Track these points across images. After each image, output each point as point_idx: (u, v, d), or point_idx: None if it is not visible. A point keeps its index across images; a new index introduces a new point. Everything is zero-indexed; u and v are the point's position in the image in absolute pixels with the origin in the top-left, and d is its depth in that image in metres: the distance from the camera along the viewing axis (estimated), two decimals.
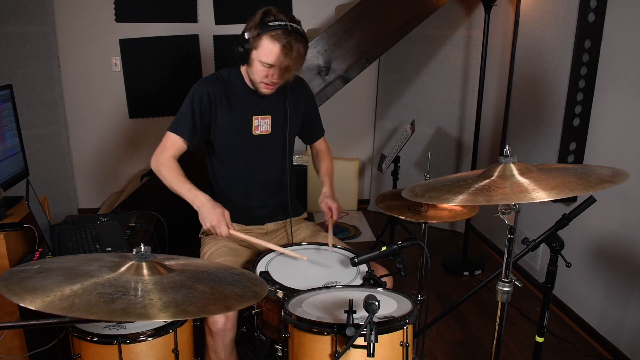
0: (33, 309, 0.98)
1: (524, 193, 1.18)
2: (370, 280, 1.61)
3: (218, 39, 3.88)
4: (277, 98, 1.93)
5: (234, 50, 1.80)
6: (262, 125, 1.94)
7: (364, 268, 1.70)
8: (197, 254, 1.99)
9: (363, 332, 1.19)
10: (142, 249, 1.18)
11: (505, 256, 1.35)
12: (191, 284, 1.14)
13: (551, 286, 1.78)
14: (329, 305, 1.42)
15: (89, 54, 3.76)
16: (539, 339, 1.85)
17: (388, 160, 3.34)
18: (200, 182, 1.84)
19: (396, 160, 3.30)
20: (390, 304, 1.43)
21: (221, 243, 1.92)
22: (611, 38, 2.42)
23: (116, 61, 3.80)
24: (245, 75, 1.90)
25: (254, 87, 1.87)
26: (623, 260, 2.36)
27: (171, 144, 1.87)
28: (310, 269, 1.73)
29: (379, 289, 1.53)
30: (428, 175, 1.90)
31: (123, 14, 3.72)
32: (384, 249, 1.63)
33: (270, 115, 1.94)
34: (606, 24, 2.44)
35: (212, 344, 1.68)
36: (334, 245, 1.88)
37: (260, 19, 1.72)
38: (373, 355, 1.17)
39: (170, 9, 3.77)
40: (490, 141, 3.61)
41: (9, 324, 1.78)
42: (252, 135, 1.93)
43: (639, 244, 2.26)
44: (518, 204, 1.27)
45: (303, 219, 2.16)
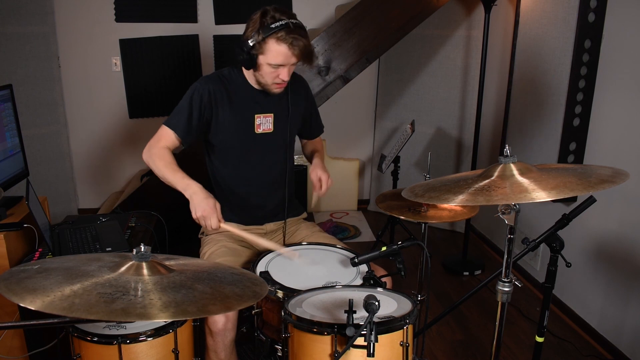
0: (33, 309, 0.98)
1: (524, 193, 1.18)
2: (370, 280, 1.61)
3: (218, 39, 3.88)
4: (279, 96, 1.93)
5: (237, 57, 1.78)
6: (265, 123, 1.93)
7: (364, 268, 1.70)
8: (197, 254, 1.98)
9: (363, 332, 1.18)
10: (142, 249, 1.18)
11: (505, 256, 1.35)
12: (191, 284, 1.14)
13: (551, 286, 1.78)
14: (329, 305, 1.42)
15: (89, 54, 3.76)
16: (539, 339, 1.85)
17: (388, 160, 3.34)
18: (200, 181, 1.83)
19: (396, 160, 3.30)
20: (390, 304, 1.43)
21: (221, 243, 1.92)
22: (611, 38, 2.42)
23: (116, 61, 3.80)
24: (247, 75, 1.90)
25: (264, 89, 1.87)
26: (623, 260, 2.36)
27: (165, 138, 1.86)
28: (310, 269, 1.73)
29: (379, 289, 1.53)
30: (428, 175, 1.90)
31: (123, 14, 3.72)
32: (384, 249, 1.63)
33: (272, 114, 1.94)
34: (606, 24, 2.44)
35: (213, 344, 1.68)
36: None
37: (260, 21, 1.71)
38: (373, 355, 1.17)
39: (170, 9, 3.77)
40: (490, 141, 3.61)
41: (9, 324, 1.78)
42: (255, 133, 1.93)
43: (639, 244, 2.26)
44: (518, 204, 1.27)
45: (303, 218, 2.16)
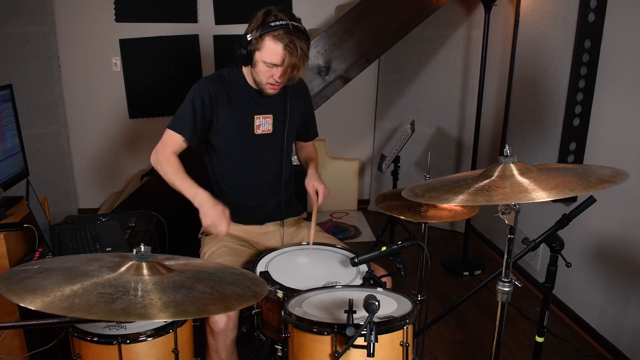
0: (33, 309, 0.98)
1: (524, 193, 1.18)
2: (370, 280, 1.61)
3: (218, 39, 3.88)
4: (278, 97, 1.93)
5: (235, 52, 1.79)
6: (264, 124, 1.94)
7: (364, 268, 1.70)
8: (197, 254, 1.99)
9: (363, 332, 1.18)
10: (142, 249, 1.18)
11: (505, 256, 1.35)
12: (191, 284, 1.14)
13: (551, 286, 1.78)
14: (329, 305, 1.42)
15: (89, 54, 3.76)
16: (539, 339, 1.85)
17: (388, 160, 3.34)
18: (200, 181, 1.83)
19: (396, 160, 3.30)
20: (390, 304, 1.43)
21: (221, 243, 1.92)
22: (611, 38, 2.42)
23: (116, 61, 3.80)
24: (247, 75, 1.90)
25: (259, 88, 1.87)
26: (623, 260, 2.36)
27: (172, 142, 1.86)
28: (310, 269, 1.73)
29: (379, 289, 1.53)
30: (428, 175, 1.90)
31: (123, 14, 3.72)
32: (384, 249, 1.63)
33: (271, 115, 1.94)
34: (606, 24, 2.44)
35: (214, 344, 1.68)
36: (315, 243, 1.90)
37: (261, 19, 1.72)
38: (373, 355, 1.17)
39: (170, 9, 3.76)
40: (490, 141, 3.61)
41: (9, 324, 1.78)
42: (254, 134, 1.93)
43: (639, 244, 2.26)
44: (518, 204, 1.27)
45: (302, 218, 2.16)
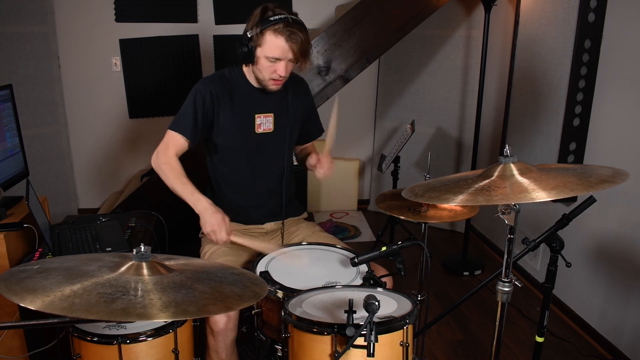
0: (33, 309, 0.98)
1: (524, 193, 1.18)
2: (370, 280, 1.61)
3: (218, 39, 3.88)
4: (279, 96, 1.93)
5: (236, 51, 1.79)
6: (265, 123, 1.93)
7: (364, 268, 1.70)
8: (197, 254, 1.98)
9: (363, 332, 1.18)
10: (142, 249, 1.18)
11: (505, 256, 1.35)
12: (191, 284, 1.14)
13: (551, 286, 1.78)
14: (329, 305, 1.42)
15: (89, 54, 3.76)
16: (539, 339, 1.85)
17: (388, 160, 3.34)
18: (201, 181, 1.84)
19: (396, 160, 3.30)
20: (390, 304, 1.43)
21: None
22: (611, 38, 2.42)
23: (116, 61, 3.80)
24: (247, 74, 1.90)
25: (262, 85, 1.87)
26: (623, 260, 2.36)
27: (173, 143, 1.85)
28: (310, 269, 1.73)
29: (379, 289, 1.53)
30: (428, 175, 1.90)
31: (123, 14, 3.72)
32: (384, 249, 1.63)
33: (272, 113, 1.94)
34: (606, 24, 2.44)
35: (214, 344, 1.68)
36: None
37: (259, 16, 1.73)
38: (373, 355, 1.16)
39: (170, 9, 3.76)
40: (490, 141, 3.61)
41: (9, 324, 1.78)
42: (255, 133, 1.93)
43: (639, 244, 2.26)
44: (518, 204, 1.27)
45: (303, 218, 2.16)
